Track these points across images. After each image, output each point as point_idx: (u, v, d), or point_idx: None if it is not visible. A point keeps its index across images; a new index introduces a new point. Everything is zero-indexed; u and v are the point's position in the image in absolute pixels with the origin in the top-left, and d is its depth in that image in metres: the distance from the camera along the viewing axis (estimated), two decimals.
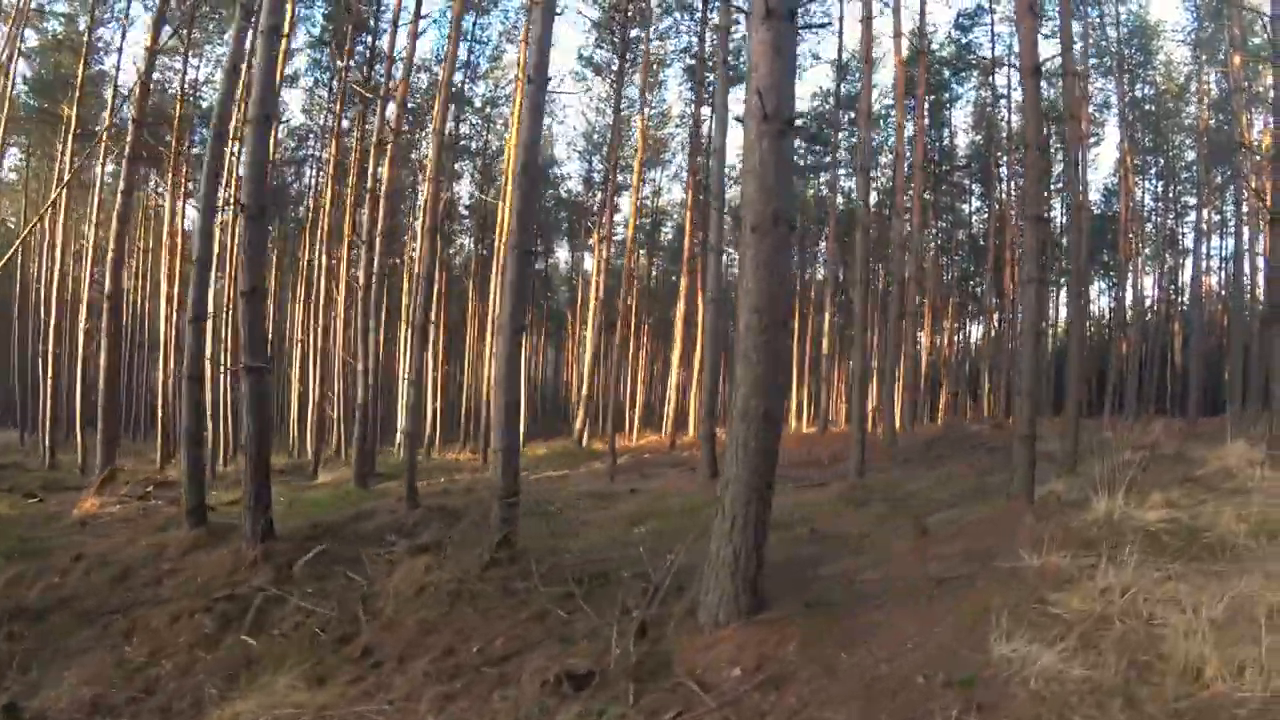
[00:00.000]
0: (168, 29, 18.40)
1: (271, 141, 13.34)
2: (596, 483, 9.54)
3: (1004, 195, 21.80)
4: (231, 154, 11.92)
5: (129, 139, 12.19)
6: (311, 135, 23.31)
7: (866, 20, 9.15)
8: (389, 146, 12.10)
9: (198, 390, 7.15)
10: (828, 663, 3.07)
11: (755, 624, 3.38)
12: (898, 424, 15.21)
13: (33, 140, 24.17)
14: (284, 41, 12.69)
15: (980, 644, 2.98)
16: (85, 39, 15.81)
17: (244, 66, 7.96)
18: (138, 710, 4.08)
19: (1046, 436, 12.12)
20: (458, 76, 19.29)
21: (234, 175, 13.94)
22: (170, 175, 18.82)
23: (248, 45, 8.01)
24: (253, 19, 7.37)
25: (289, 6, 12.93)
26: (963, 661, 2.91)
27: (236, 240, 6.51)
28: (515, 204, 5.29)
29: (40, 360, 16.84)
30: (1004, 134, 20.93)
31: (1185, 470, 8.46)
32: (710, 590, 3.52)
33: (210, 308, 7.37)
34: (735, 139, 28.77)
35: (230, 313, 13.19)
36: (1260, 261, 15.87)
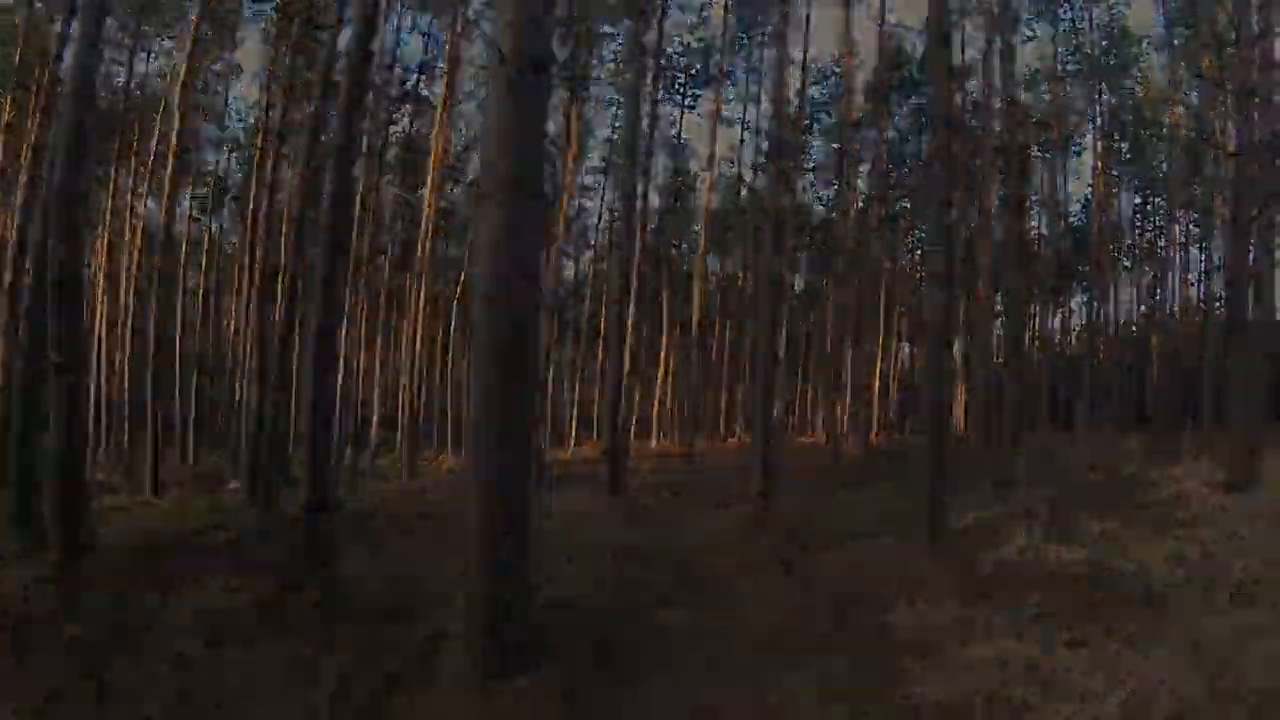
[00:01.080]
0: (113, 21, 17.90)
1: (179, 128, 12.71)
2: None
3: (979, 204, 21.07)
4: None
5: None
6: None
7: None
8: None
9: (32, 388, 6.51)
10: None
11: (496, 691, 2.68)
12: (845, 439, 14.53)
13: None
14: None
15: None
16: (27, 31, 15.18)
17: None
18: None
19: (1020, 452, 11.37)
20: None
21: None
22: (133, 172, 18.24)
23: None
24: None
25: None
26: None
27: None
28: (328, 187, 4.61)
29: None
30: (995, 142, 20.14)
31: (1135, 494, 7.70)
32: (455, 645, 2.81)
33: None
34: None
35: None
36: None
